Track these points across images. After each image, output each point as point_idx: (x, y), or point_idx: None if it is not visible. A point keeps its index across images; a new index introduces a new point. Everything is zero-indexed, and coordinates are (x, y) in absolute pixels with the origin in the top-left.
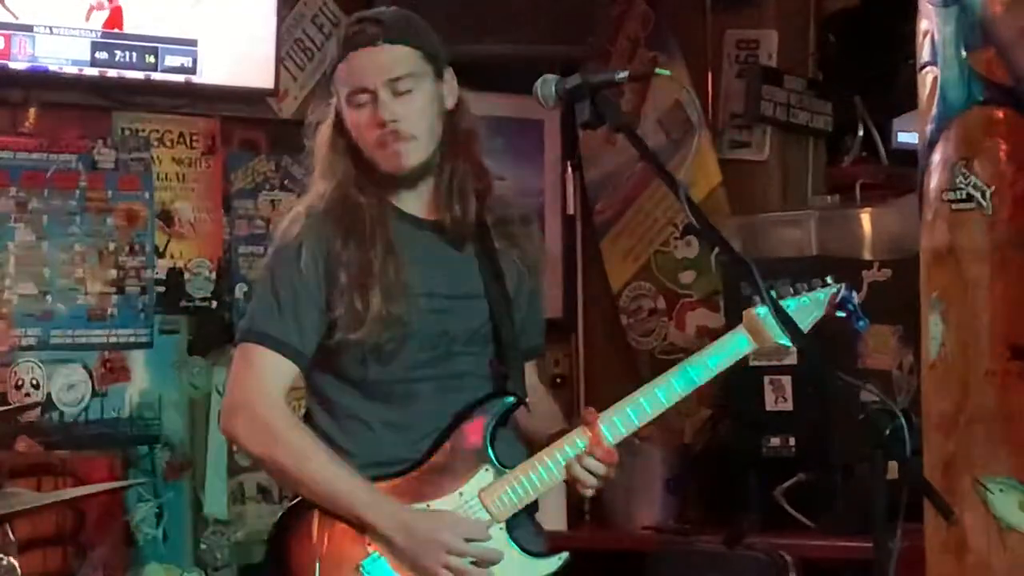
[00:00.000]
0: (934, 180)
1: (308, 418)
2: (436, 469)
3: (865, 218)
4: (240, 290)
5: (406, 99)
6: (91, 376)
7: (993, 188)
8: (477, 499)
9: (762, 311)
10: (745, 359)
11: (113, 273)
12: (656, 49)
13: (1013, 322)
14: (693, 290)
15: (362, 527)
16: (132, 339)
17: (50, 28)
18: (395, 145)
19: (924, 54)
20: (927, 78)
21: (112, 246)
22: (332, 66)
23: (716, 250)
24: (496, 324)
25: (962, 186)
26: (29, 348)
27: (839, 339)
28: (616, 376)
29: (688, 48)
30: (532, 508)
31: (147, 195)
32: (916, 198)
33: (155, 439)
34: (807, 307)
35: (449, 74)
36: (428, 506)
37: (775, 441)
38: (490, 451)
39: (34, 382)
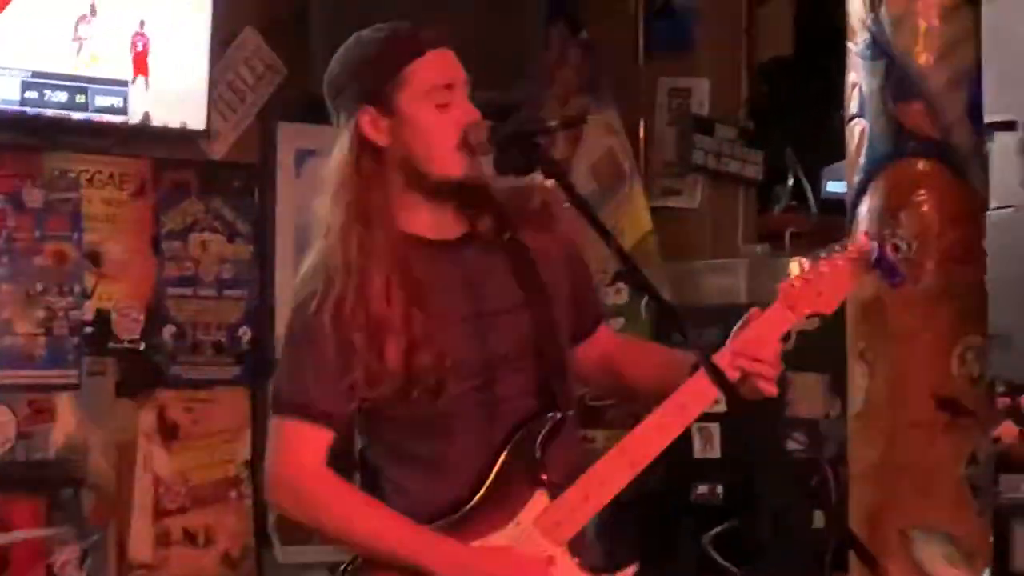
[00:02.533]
0: (861, 230)
1: (362, 454)
2: (489, 500)
3: (794, 267)
4: (168, 332)
5: (471, 103)
6: (16, 417)
7: (919, 240)
8: (534, 526)
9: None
10: None
11: (41, 314)
12: (590, 96)
13: (938, 373)
14: None
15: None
16: (59, 380)
17: None
18: (473, 150)
19: (853, 106)
20: (855, 129)
21: (40, 287)
22: (380, 78)
23: (646, 297)
24: (539, 333)
25: (889, 238)
26: None
27: None
28: None
29: (621, 95)
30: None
31: (76, 236)
32: None
33: (81, 482)
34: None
35: None
36: (485, 541)
37: (703, 488)
38: (541, 474)
39: None
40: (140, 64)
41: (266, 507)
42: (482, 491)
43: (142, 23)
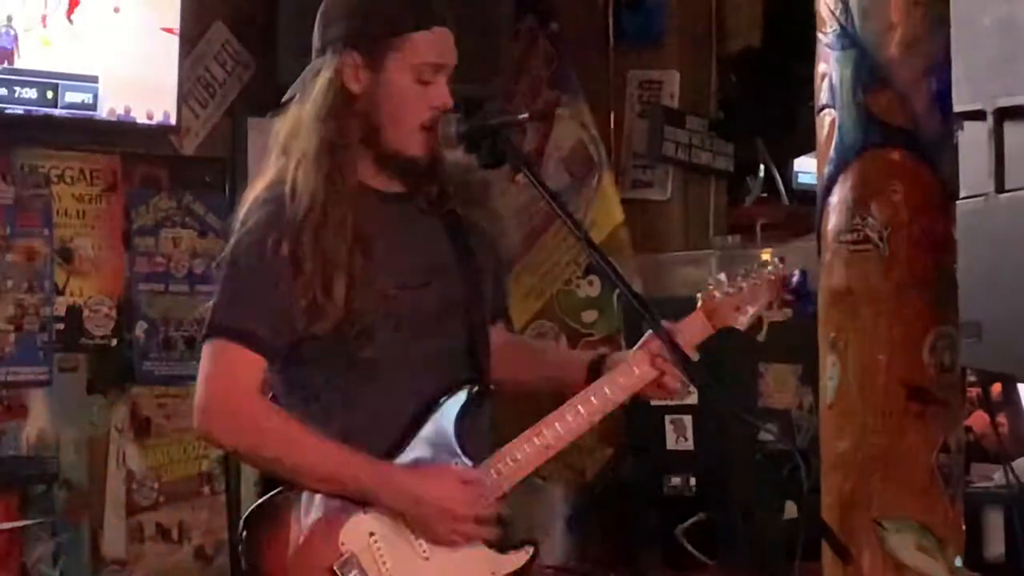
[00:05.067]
0: (832, 221)
1: (274, 401)
2: (407, 465)
3: (766, 258)
4: (140, 328)
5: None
6: None
7: (890, 230)
8: None
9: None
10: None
11: (11, 310)
12: (559, 89)
13: (909, 363)
14: (595, 329)
15: (367, 502)
16: (30, 377)
17: None
18: (435, 131)
19: (822, 96)
20: (825, 120)
21: (10, 283)
22: (378, 31)
23: (618, 290)
24: (468, 299)
25: (859, 227)
26: None
27: (739, 378)
28: (519, 414)
29: (591, 88)
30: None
31: (47, 232)
32: (815, 238)
33: (53, 478)
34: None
35: None
36: None
37: (676, 480)
38: (456, 445)
39: None
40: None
41: (240, 502)
42: (400, 455)
43: None
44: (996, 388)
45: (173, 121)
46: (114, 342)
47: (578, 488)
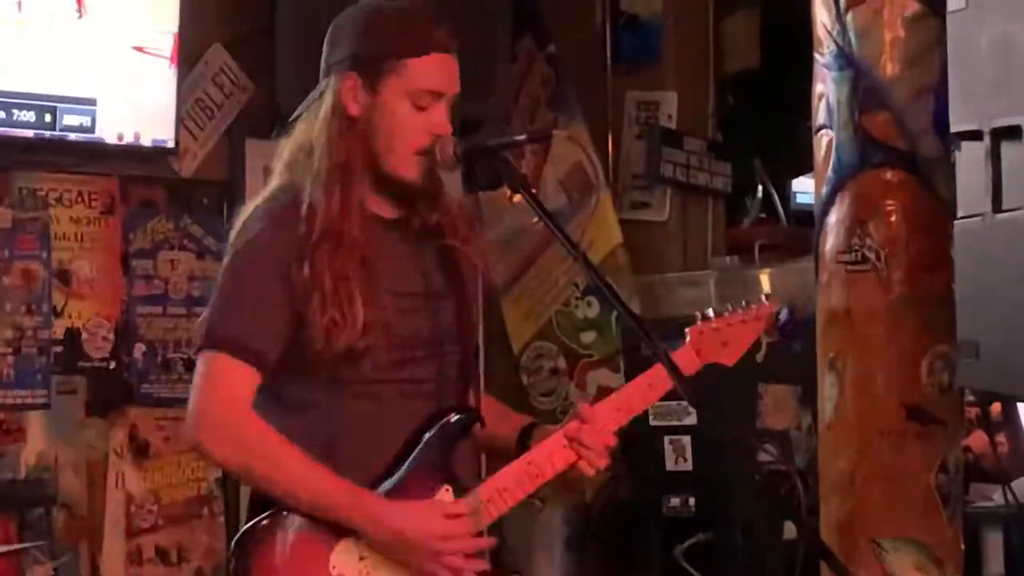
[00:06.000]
0: (830, 241)
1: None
2: (396, 489)
3: (764, 278)
4: (139, 350)
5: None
6: None
7: (887, 249)
8: None
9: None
10: (646, 418)
11: (9, 333)
12: (557, 110)
13: (907, 382)
14: (594, 350)
15: (348, 530)
16: (29, 400)
17: None
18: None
19: (819, 117)
20: (822, 140)
21: (8, 306)
22: (377, 55)
23: (616, 310)
24: (460, 326)
25: (857, 247)
26: None
27: (738, 399)
28: None
29: (589, 109)
30: None
31: (45, 255)
32: (813, 259)
33: (52, 501)
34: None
35: None
36: None
37: (675, 501)
38: (448, 471)
39: None
40: None
41: (239, 524)
42: (394, 478)
43: None
44: (995, 408)
45: (171, 143)
46: (112, 364)
47: (577, 509)
